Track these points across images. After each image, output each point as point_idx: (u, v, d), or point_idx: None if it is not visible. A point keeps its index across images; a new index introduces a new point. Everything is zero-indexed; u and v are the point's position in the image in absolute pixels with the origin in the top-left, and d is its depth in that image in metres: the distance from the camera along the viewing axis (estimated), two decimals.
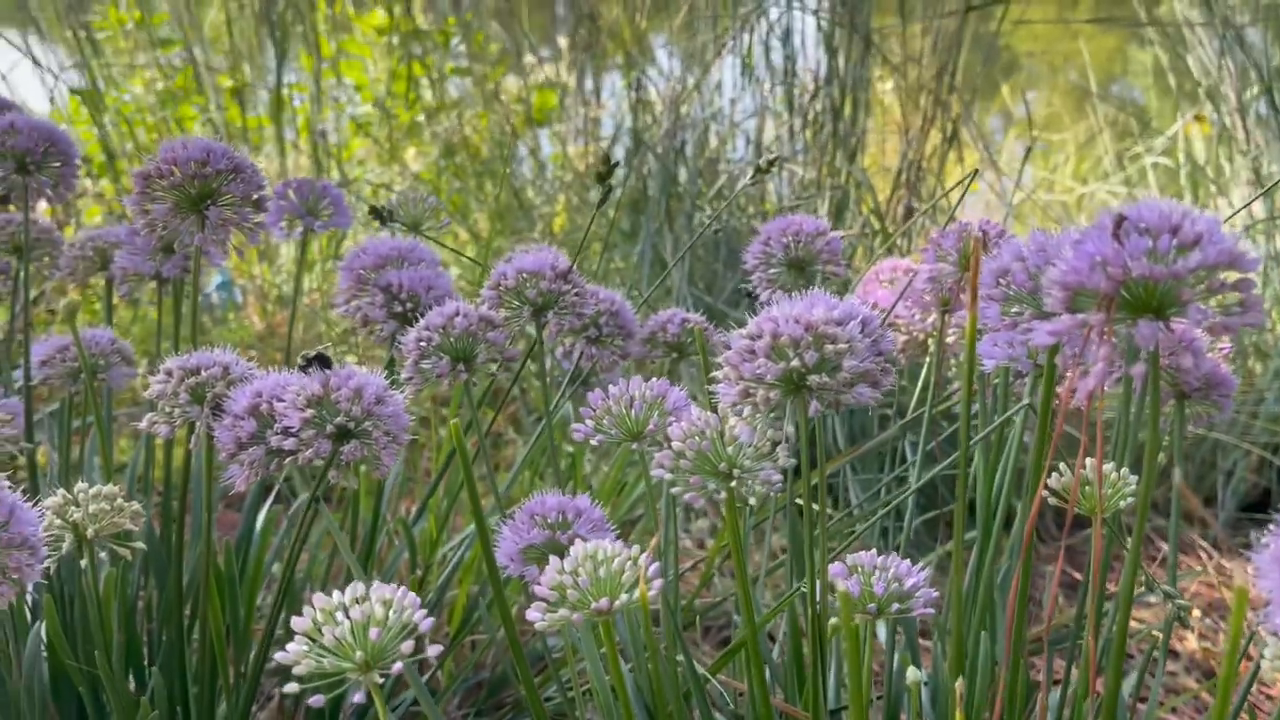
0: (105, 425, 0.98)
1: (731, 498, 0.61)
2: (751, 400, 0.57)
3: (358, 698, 0.52)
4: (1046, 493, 0.72)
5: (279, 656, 0.53)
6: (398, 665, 0.52)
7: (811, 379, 0.56)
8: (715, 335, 0.97)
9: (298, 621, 0.53)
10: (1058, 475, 0.72)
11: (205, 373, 0.77)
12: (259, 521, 1.09)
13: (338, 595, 0.55)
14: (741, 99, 2.25)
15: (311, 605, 0.54)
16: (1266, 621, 0.43)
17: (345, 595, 0.54)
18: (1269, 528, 0.45)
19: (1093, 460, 0.69)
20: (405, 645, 0.52)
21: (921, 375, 1.05)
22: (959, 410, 1.04)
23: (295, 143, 2.69)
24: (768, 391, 0.56)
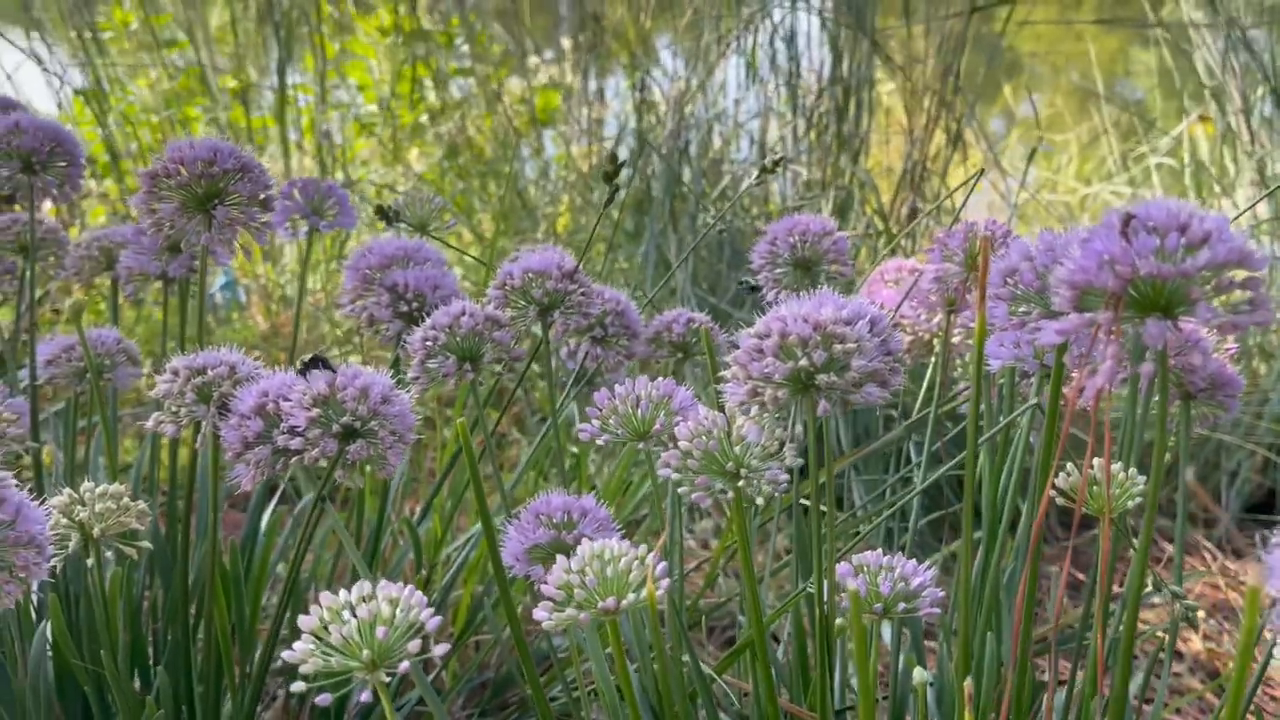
0: (111, 425, 0.98)
1: (739, 497, 0.61)
2: (759, 399, 0.57)
3: (364, 696, 0.52)
4: (1053, 493, 0.71)
5: (286, 655, 0.53)
6: (404, 664, 0.52)
7: (820, 378, 0.56)
8: (720, 336, 0.97)
9: (304, 620, 0.53)
10: (1064, 475, 0.72)
11: (211, 372, 0.77)
12: (264, 521, 1.09)
13: (344, 594, 0.55)
14: (745, 99, 2.25)
15: (318, 604, 0.54)
16: (1274, 621, 0.43)
17: (352, 594, 0.54)
18: (1276, 528, 0.45)
19: (1099, 460, 0.69)
20: (412, 644, 0.52)
21: (926, 376, 1.05)
22: (964, 411, 1.04)
23: (299, 143, 2.69)
24: (776, 391, 0.56)
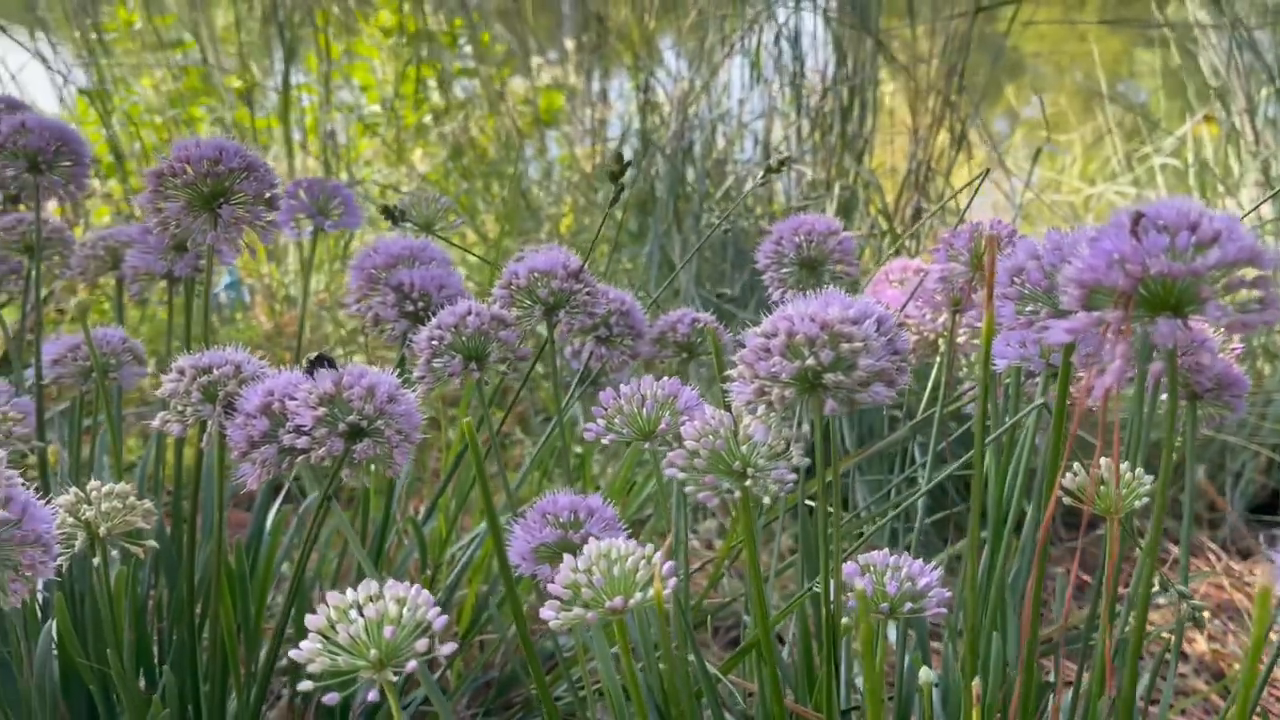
0: (116, 424, 0.98)
1: (746, 497, 0.61)
2: (766, 398, 0.57)
3: (371, 696, 0.52)
4: (1060, 493, 0.71)
5: (293, 654, 0.53)
6: (412, 663, 0.52)
7: (827, 377, 0.56)
8: (724, 335, 0.97)
9: (312, 619, 0.53)
10: (1071, 475, 0.72)
11: (217, 371, 0.77)
12: (269, 520, 1.09)
13: (351, 593, 0.55)
14: (749, 99, 2.25)
15: (325, 603, 0.54)
16: None
17: (359, 593, 0.54)
18: None
19: (1105, 460, 0.69)
20: (420, 643, 0.52)
21: (931, 376, 1.05)
22: (969, 411, 1.04)
23: (303, 143, 2.69)
24: (783, 390, 0.56)
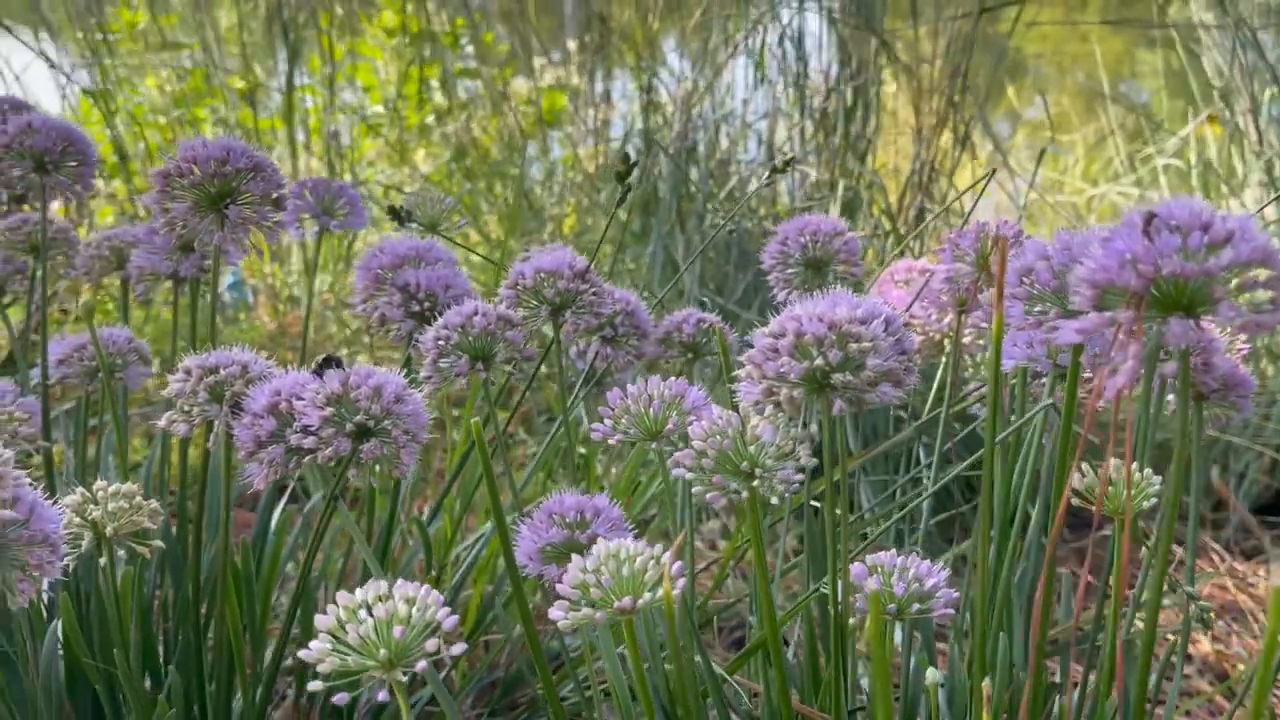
0: (122, 424, 0.98)
1: (754, 497, 0.61)
2: (775, 398, 0.57)
3: (381, 696, 0.52)
4: (1069, 493, 0.71)
5: (302, 654, 0.53)
6: (421, 663, 0.52)
7: (835, 377, 0.56)
8: (729, 335, 0.97)
9: (321, 620, 0.53)
10: (1080, 475, 0.72)
11: (224, 371, 0.78)
12: (274, 520, 1.09)
13: (360, 593, 0.55)
14: (753, 100, 2.25)
15: (334, 603, 0.54)
16: None
17: (368, 593, 0.54)
18: None
19: (1113, 461, 0.69)
20: (430, 643, 0.52)
21: (937, 376, 1.05)
22: (975, 411, 1.04)
23: (306, 144, 2.70)
24: (791, 390, 0.56)
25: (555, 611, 0.57)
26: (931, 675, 0.65)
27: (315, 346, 2.19)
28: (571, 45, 2.77)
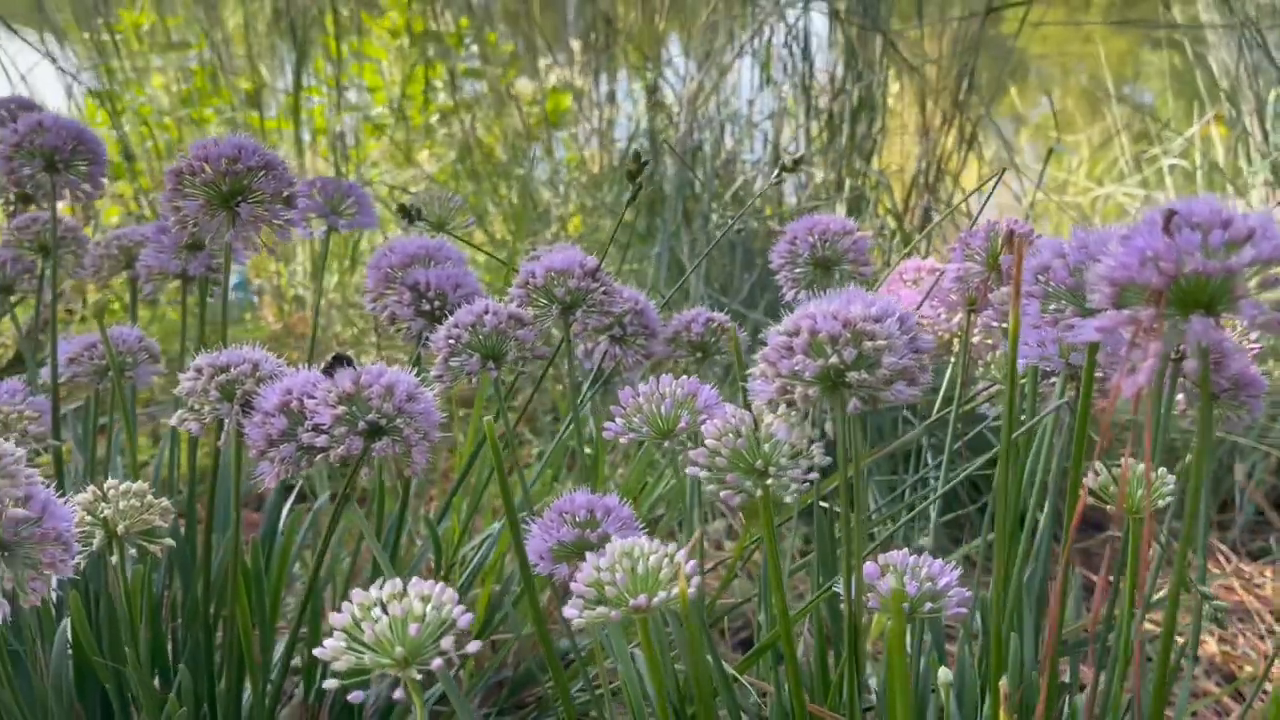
0: (131, 423, 0.98)
1: (767, 496, 0.61)
2: (789, 397, 0.57)
3: (398, 694, 0.52)
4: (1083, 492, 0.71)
5: (318, 652, 0.53)
6: (437, 661, 0.52)
7: (850, 376, 0.56)
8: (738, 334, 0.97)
9: (337, 617, 0.53)
10: (1094, 475, 0.72)
11: (235, 370, 0.77)
12: (281, 520, 1.09)
13: (374, 591, 0.54)
14: (758, 100, 2.25)
15: (349, 601, 0.54)
16: None
17: (382, 591, 0.54)
18: None
19: (1128, 460, 0.69)
20: (445, 641, 0.52)
21: (946, 376, 1.05)
22: (983, 411, 1.04)
23: (311, 144, 2.70)
24: (806, 389, 0.56)
25: (570, 610, 0.57)
26: (944, 675, 0.65)
27: (321, 345, 2.19)
28: (575, 45, 2.77)
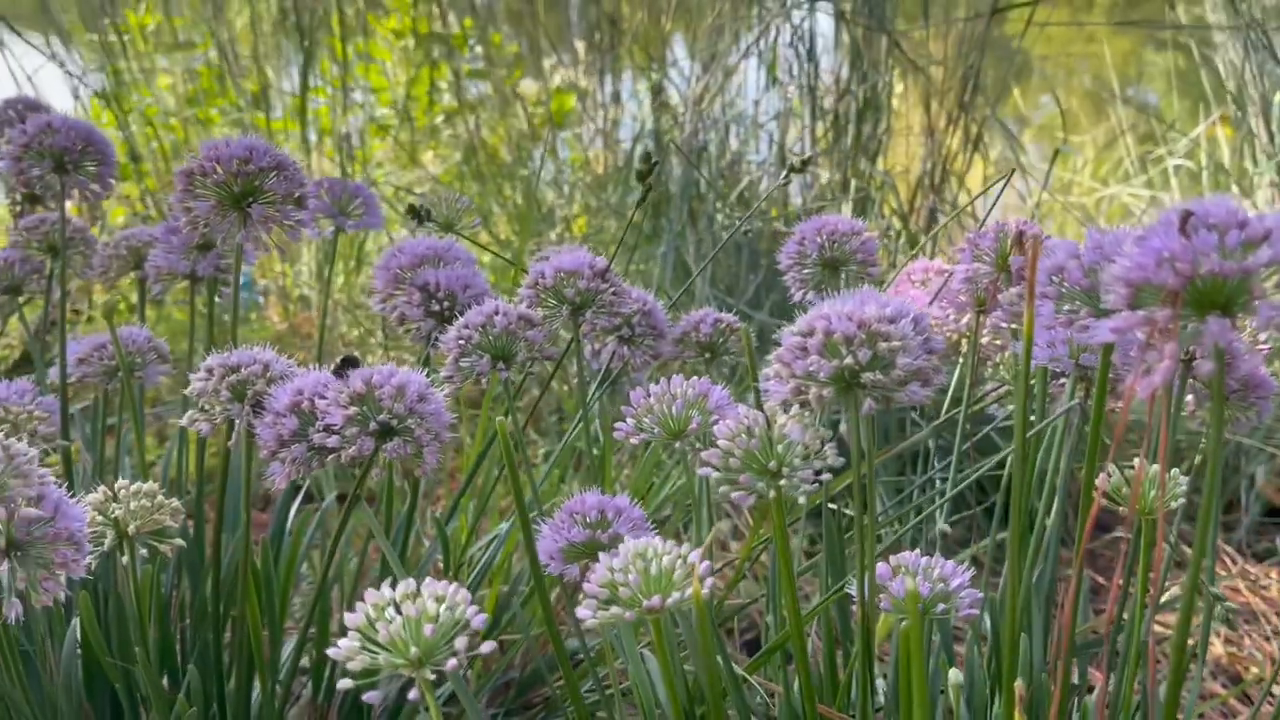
0: (140, 423, 0.98)
1: (780, 496, 0.61)
2: (803, 397, 0.57)
3: (413, 695, 0.52)
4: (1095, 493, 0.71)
5: (331, 652, 0.53)
6: (451, 662, 0.52)
7: (865, 376, 0.56)
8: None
9: (351, 617, 0.53)
10: (1106, 476, 0.72)
11: (245, 370, 0.78)
12: (289, 520, 1.09)
13: (388, 591, 0.54)
14: (764, 100, 2.25)
15: (363, 601, 0.54)
16: None
17: (396, 591, 0.54)
18: None
19: (1137, 462, 0.69)
20: (459, 641, 0.52)
21: (955, 376, 1.05)
22: (991, 412, 1.04)
23: (317, 145, 2.70)
24: (820, 389, 0.56)
25: (583, 610, 0.57)
26: (954, 676, 0.65)
27: (328, 346, 2.19)
28: (580, 46, 2.77)
